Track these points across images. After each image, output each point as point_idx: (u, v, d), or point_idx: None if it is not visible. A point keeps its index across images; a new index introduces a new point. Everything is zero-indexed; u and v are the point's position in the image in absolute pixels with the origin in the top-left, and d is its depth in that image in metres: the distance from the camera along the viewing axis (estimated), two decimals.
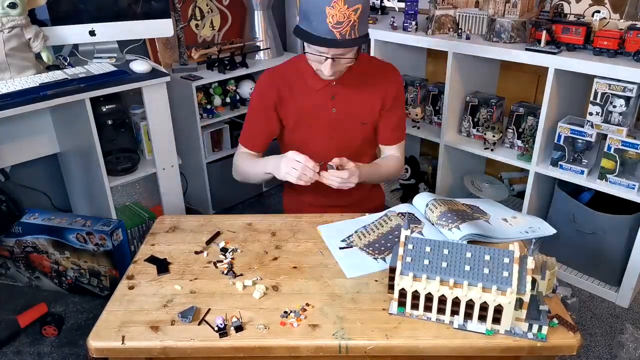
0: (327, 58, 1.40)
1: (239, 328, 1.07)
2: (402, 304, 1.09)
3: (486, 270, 1.02)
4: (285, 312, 1.11)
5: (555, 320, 1.07)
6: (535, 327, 1.02)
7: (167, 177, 2.20)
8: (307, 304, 1.14)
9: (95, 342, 1.06)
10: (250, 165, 1.62)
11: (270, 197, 2.98)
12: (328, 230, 1.42)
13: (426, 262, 1.05)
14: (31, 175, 2.30)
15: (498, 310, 1.02)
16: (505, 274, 0.99)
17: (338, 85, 1.54)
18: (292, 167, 1.40)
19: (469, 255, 1.04)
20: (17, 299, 2.13)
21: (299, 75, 1.57)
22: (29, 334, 1.95)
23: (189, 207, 2.65)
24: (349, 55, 1.42)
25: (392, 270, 1.10)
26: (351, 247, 1.34)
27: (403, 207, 1.53)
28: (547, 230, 1.37)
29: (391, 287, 1.11)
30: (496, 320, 1.03)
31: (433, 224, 1.40)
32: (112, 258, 2.01)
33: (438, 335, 1.05)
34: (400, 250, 1.07)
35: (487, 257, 1.02)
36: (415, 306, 1.08)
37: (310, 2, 1.35)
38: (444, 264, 1.03)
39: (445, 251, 1.06)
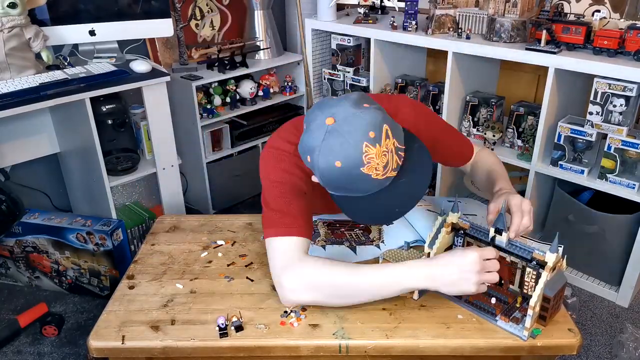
0: None
1: (239, 328, 1.07)
2: None
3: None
4: (285, 311, 1.12)
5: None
6: None
7: (167, 177, 2.20)
8: None
9: (95, 341, 1.06)
10: (353, 276, 1.08)
11: None
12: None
13: None
14: (31, 175, 2.30)
15: None
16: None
17: None
18: (477, 270, 1.03)
19: None
20: (17, 299, 2.14)
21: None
22: (29, 333, 1.95)
23: (189, 207, 2.64)
24: None
25: None
26: None
27: None
28: None
29: None
30: None
31: None
32: (112, 258, 2.01)
33: (438, 335, 1.05)
34: None
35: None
36: None
37: (343, 173, 0.99)
38: None
39: None
